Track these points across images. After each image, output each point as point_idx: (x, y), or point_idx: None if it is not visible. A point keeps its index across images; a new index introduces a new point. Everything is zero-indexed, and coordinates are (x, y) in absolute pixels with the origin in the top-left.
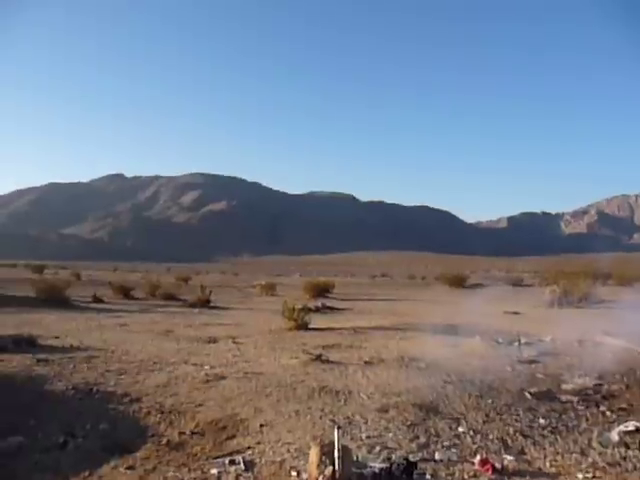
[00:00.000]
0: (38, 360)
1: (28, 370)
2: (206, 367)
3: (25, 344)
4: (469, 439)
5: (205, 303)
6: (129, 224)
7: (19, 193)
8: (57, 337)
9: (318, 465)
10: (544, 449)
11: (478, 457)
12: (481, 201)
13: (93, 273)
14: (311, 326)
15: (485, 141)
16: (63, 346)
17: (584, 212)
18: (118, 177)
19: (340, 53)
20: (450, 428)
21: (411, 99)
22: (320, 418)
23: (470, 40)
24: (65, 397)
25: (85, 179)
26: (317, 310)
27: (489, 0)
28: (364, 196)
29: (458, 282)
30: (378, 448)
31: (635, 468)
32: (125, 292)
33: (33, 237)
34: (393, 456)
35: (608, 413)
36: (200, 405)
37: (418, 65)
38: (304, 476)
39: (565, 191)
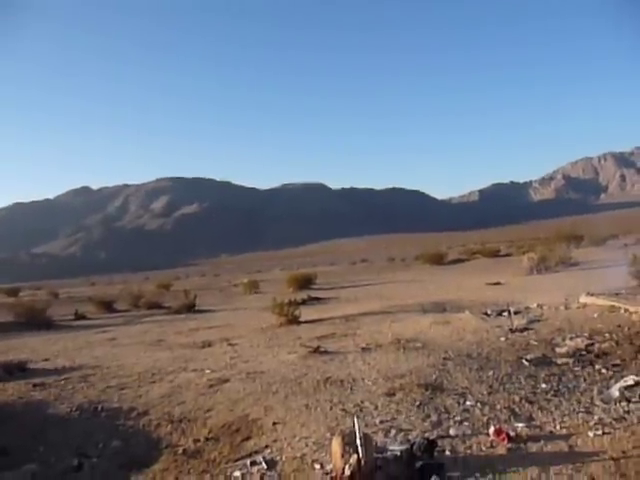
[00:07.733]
0: (34, 385)
1: (26, 396)
2: (207, 372)
3: (16, 370)
4: (478, 412)
5: (190, 308)
6: (101, 236)
7: None
8: (47, 359)
9: (342, 455)
10: (551, 413)
11: (492, 428)
12: (451, 177)
13: (70, 290)
14: (302, 319)
15: (451, 117)
16: (56, 368)
17: (551, 178)
18: (84, 190)
19: (297, 49)
20: (458, 403)
21: (372, 85)
22: (330, 409)
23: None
24: (71, 419)
25: (50, 196)
26: (304, 302)
27: None
28: (335, 184)
29: (437, 260)
30: (394, 431)
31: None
32: (108, 306)
33: (3, 259)
34: (410, 437)
35: (604, 371)
36: (209, 410)
37: (369, 51)
38: (328, 468)
39: (531, 159)
